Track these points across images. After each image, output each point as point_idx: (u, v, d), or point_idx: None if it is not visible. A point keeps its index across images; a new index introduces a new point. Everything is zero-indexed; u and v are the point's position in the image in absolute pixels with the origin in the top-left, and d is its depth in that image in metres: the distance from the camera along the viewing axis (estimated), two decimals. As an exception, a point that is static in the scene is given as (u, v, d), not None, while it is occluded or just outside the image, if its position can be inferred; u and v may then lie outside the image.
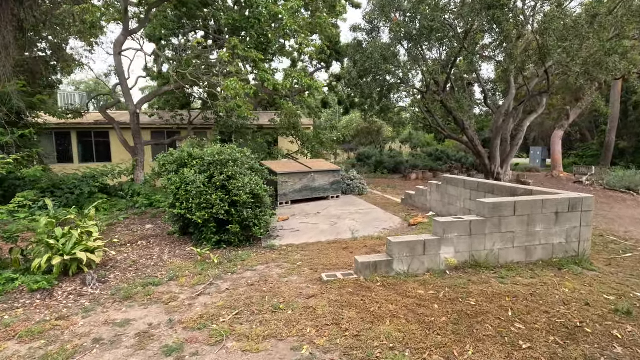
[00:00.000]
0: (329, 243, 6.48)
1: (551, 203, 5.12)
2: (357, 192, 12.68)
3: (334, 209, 9.96)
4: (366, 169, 24.62)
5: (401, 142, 35.44)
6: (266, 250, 6.10)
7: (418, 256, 4.74)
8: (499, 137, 17.08)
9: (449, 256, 4.84)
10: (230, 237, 6.06)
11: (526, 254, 5.14)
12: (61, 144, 14.14)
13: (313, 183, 11.06)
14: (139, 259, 5.50)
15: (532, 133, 37.26)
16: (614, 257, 5.96)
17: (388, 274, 4.64)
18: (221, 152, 6.35)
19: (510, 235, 5.03)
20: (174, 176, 6.11)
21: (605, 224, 8.90)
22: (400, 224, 8.08)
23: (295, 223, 8.19)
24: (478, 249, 4.95)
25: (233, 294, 4.21)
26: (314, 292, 4.22)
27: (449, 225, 4.80)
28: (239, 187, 6.00)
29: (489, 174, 17.45)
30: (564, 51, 13.09)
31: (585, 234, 5.33)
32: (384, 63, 13.77)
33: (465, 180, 8.08)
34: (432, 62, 15.37)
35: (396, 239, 4.73)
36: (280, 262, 5.48)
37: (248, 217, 6.05)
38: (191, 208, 5.78)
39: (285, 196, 10.46)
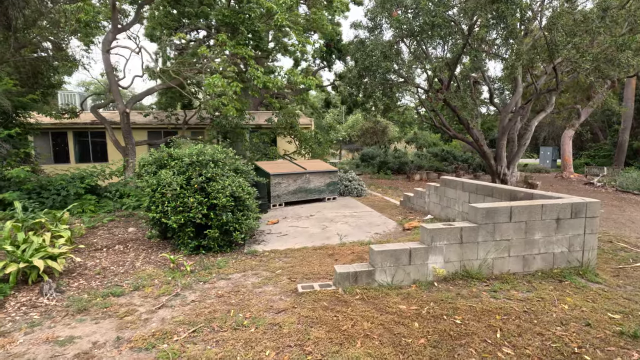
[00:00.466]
0: (315, 249, 6.12)
1: (552, 208, 4.67)
2: (355, 193, 12.28)
3: (328, 211, 9.59)
4: (370, 169, 24.17)
5: (407, 142, 34.86)
6: (247, 256, 5.77)
7: (403, 266, 4.34)
8: (505, 136, 16.50)
9: (437, 266, 4.44)
10: (210, 243, 5.74)
11: (524, 264, 4.70)
12: (57, 144, 14.04)
13: (308, 184, 10.70)
14: (110, 266, 5.21)
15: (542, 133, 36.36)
16: (623, 267, 5.47)
17: (369, 286, 4.26)
18: (201, 153, 6.03)
19: (505, 243, 4.60)
20: (150, 177, 5.82)
21: (615, 228, 8.37)
22: (394, 228, 7.68)
23: (285, 226, 7.85)
24: (470, 259, 4.53)
25: (198, 306, 3.88)
26: (286, 305, 3.86)
27: (438, 232, 4.40)
28: (219, 190, 5.67)
29: (494, 175, 16.88)
30: (573, 47, 12.50)
31: (590, 242, 4.87)
32: (384, 60, 13.34)
33: (463, 183, 7.64)
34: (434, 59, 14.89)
35: (379, 247, 4.35)
36: (259, 269, 5.14)
37: (228, 222, 5.72)
38: (167, 212, 5.47)
39: (278, 198, 10.13)
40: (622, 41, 12.58)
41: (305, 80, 8.77)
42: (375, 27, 16.23)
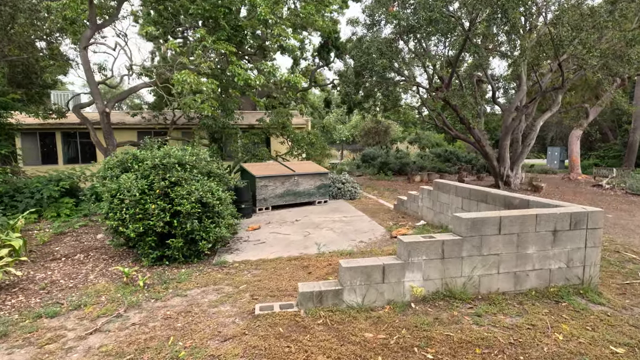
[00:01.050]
0: (290, 259, 5.62)
1: (547, 219, 4.12)
2: (348, 196, 11.76)
3: (316, 216, 9.09)
4: (370, 170, 23.61)
5: (409, 143, 34.20)
6: (215, 268, 5.30)
7: (376, 284, 3.83)
8: (509, 136, 15.84)
9: (415, 285, 3.91)
10: (174, 253, 5.28)
11: (515, 281, 4.16)
12: (45, 145, 13.74)
13: (297, 187, 10.21)
14: (60, 279, 4.78)
15: (549, 133, 35.44)
16: (631, 282, 4.89)
17: (337, 307, 3.75)
18: (167, 155, 5.57)
19: (494, 258, 4.06)
20: (110, 182, 5.38)
21: (624, 236, 7.76)
22: (382, 235, 7.15)
23: (265, 233, 7.37)
24: (453, 276, 4.00)
25: (136, 331, 3.41)
26: (236, 331, 3.37)
27: (416, 246, 3.87)
28: (183, 196, 5.21)
29: (497, 176, 16.23)
30: (579, 43, 11.83)
31: (592, 257, 4.30)
32: (380, 58, 12.79)
33: (456, 187, 7.08)
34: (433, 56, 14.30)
35: (348, 263, 3.84)
36: (223, 284, 4.66)
37: (194, 230, 5.26)
38: (125, 219, 5.02)
39: (264, 201, 9.65)
40: (631, 36, 11.88)
41: (293, 78, 8.29)
42: (373, 24, 15.68)
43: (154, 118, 11.74)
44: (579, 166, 20.90)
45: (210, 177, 6.33)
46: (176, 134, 13.40)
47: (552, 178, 21.55)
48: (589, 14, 12.11)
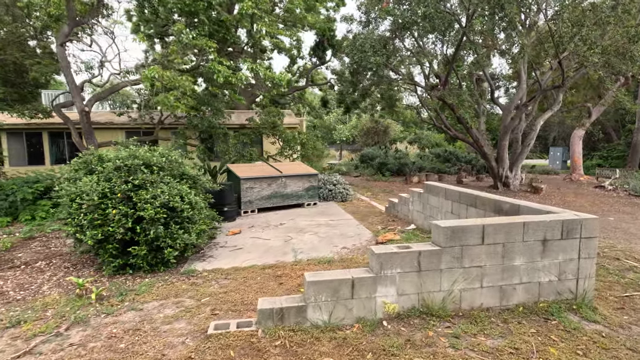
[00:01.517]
0: (264, 268, 5.26)
1: (536, 227, 3.72)
2: (339, 198, 11.38)
3: (302, 219, 8.72)
4: (369, 170, 23.22)
5: (409, 143, 33.76)
6: (181, 277, 4.94)
7: (344, 300, 3.45)
8: (507, 136, 15.41)
9: (388, 300, 3.53)
10: (137, 261, 4.92)
11: (501, 296, 3.77)
12: (32, 145, 13.46)
13: (284, 189, 9.85)
14: (11, 290, 4.44)
15: (551, 133, 34.90)
16: (630, 295, 4.49)
17: (299, 326, 3.38)
18: (132, 156, 5.22)
19: (477, 271, 3.67)
20: (69, 185, 5.03)
21: (625, 240, 7.34)
22: (367, 241, 6.77)
23: (245, 238, 7.00)
24: (431, 290, 3.62)
25: (71, 354, 3.06)
26: (182, 354, 3.01)
27: (389, 258, 3.49)
28: (147, 200, 4.86)
29: (496, 177, 15.80)
30: (580, 39, 11.38)
31: (586, 269, 3.90)
32: (374, 55, 12.40)
33: (446, 190, 6.69)
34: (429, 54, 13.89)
35: (314, 276, 3.47)
36: (185, 296, 4.31)
37: (158, 237, 4.90)
38: (83, 225, 4.68)
39: (250, 204, 9.29)
40: (634, 32, 11.43)
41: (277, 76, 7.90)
42: (369, 22, 15.31)
43: (140, 117, 11.42)
44: (581, 167, 20.41)
45: (183, 179, 5.98)
46: (165, 134, 13.09)
47: (553, 179, 21.07)
48: (590, 9, 11.67)
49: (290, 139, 11.61)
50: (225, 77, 7.31)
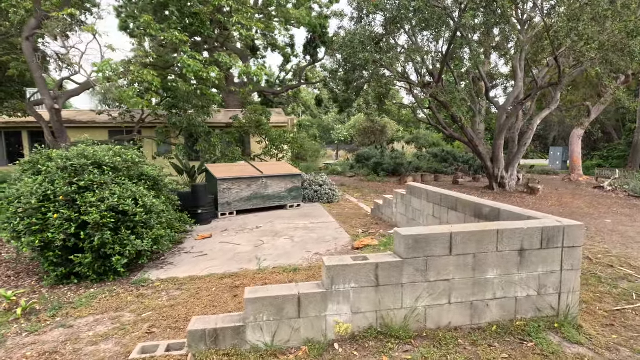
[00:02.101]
0: (224, 277, 4.83)
1: (511, 235, 3.28)
2: (325, 199, 10.95)
3: (281, 222, 8.30)
4: (364, 170, 22.77)
5: (406, 142, 33.30)
6: (131, 287, 4.53)
7: (289, 320, 3.03)
8: (503, 135, 14.95)
9: (341, 319, 3.10)
10: (83, 270, 4.51)
11: (471, 313, 3.33)
12: (11, 144, 13.09)
13: (265, 190, 9.42)
14: (-64, 303, 4.03)
15: (551, 132, 34.38)
16: (622, 309, 4.06)
17: (237, 349, 2.95)
18: (80, 155, 4.81)
19: (444, 285, 3.24)
20: (6, 187, 4.63)
21: (621, 245, 6.88)
22: (343, 246, 6.34)
23: (214, 243, 6.58)
24: (391, 308, 3.18)
25: (-35, 384, 2.64)
26: (92, 385, 2.59)
27: (342, 271, 3.06)
28: (92, 203, 4.44)
29: (492, 177, 15.35)
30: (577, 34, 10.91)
31: (570, 283, 3.46)
32: (363, 51, 11.97)
33: (428, 192, 6.26)
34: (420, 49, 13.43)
35: (254, 293, 3.04)
36: (126, 310, 3.89)
37: (105, 243, 4.48)
38: (19, 231, 4.27)
39: (228, 206, 8.87)
40: (633, 27, 10.95)
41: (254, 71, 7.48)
42: (361, 18, 14.89)
43: (120, 116, 11.02)
44: (580, 167, 19.92)
45: (142, 180, 5.56)
46: (150, 133, 12.68)
47: (552, 179, 20.59)
48: (587, 3, 11.20)
49: (274, 138, 11.18)
50: (196, 72, 6.90)
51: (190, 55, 7.12)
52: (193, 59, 7.08)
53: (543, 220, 3.53)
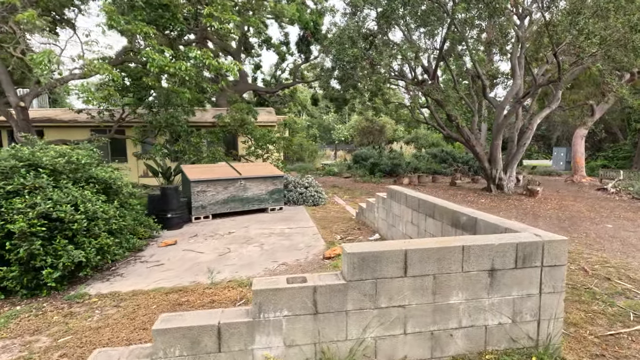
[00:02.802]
0: (170, 292, 4.34)
1: (480, 252, 2.76)
2: (311, 202, 10.45)
3: (258, 226, 7.80)
4: (362, 171, 22.25)
5: (406, 143, 32.69)
6: (63, 304, 4.05)
7: (207, 355, 2.52)
8: (500, 135, 14.35)
9: (272, 354, 2.59)
10: (9, 284, 4.04)
11: (432, 345, 2.81)
12: (-10, 145, 12.71)
13: (244, 192, 8.94)
14: None
15: (555, 132, 33.60)
16: (616, 333, 3.52)
17: (142, 390, 2.46)
18: (12, 156, 4.35)
19: (398, 312, 2.72)
20: None
21: (621, 254, 6.31)
22: (315, 255, 5.83)
23: (177, 250, 6.10)
24: (334, 339, 2.67)
25: None
26: None
27: (272, 296, 2.56)
28: (19, 209, 3.97)
29: (489, 179, 14.77)
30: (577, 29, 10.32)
31: (551, 308, 2.93)
32: (351, 47, 11.45)
33: (407, 196, 5.73)
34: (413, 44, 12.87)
35: (166, 322, 2.53)
36: (44, 333, 3.41)
37: (35, 254, 4.01)
38: None
39: (202, 209, 8.39)
40: (637, 20, 10.34)
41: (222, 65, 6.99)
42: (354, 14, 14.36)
43: (98, 115, 10.58)
44: (583, 168, 19.23)
45: (90, 183, 5.09)
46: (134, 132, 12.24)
47: (554, 181, 19.95)
48: (589, -5, 10.61)
49: (258, 137, 10.70)
50: (161, 67, 6.42)
51: (159, 50, 6.64)
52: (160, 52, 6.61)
53: (520, 234, 3.00)
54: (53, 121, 13.03)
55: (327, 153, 37.11)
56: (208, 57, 6.86)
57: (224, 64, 7.03)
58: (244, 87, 19.64)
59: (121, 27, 6.47)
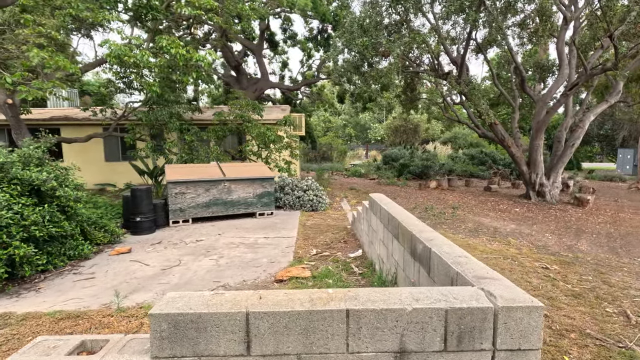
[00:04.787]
0: (66, 318, 3.63)
1: (378, 322, 1.65)
2: (309, 207, 9.48)
3: (233, 234, 7.01)
4: (391, 172, 20.88)
5: (442, 143, 30.41)
6: (-58, 325, 3.49)
7: None
8: (542, 134, 12.37)
9: None
10: None
11: None
12: None
13: (229, 195, 8.20)
14: None
15: (621, 132, 29.45)
16: None
17: None
18: None
19: (239, 410, 1.70)
20: None
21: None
22: (271, 274, 4.88)
23: (123, 261, 5.45)
24: None
25: None
26: None
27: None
28: None
29: (528, 184, 12.84)
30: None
31: (513, 420, 1.73)
32: (361, 36, 10.29)
33: (381, 209, 4.57)
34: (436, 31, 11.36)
35: None
36: None
37: None
38: None
39: (181, 213, 7.77)
40: None
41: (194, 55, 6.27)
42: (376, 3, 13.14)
43: (101, 112, 10.47)
44: (651, 173, 16.30)
45: (13, 185, 4.57)
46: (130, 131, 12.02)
47: (614, 187, 17.19)
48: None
49: (256, 135, 9.94)
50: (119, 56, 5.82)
51: (125, 38, 6.09)
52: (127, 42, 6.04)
53: (462, 291, 1.82)
54: (70, 119, 13.29)
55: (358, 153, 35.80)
56: (176, 46, 6.19)
57: (195, 54, 6.32)
58: (265, 84, 19.10)
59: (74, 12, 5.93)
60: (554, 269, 5.64)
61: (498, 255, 6.20)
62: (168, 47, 6.17)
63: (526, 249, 6.89)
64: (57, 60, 5.45)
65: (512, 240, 7.45)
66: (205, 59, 6.38)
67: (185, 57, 6.22)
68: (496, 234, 7.96)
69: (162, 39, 6.29)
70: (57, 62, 5.46)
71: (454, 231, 8.15)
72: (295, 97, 24.69)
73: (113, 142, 13.28)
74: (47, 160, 5.40)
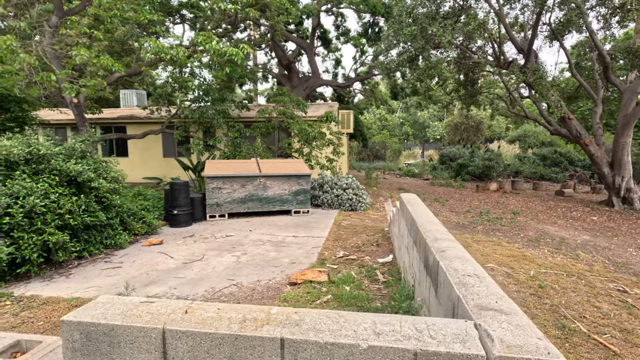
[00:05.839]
0: (79, 305, 3.73)
1: (321, 357, 1.26)
2: (347, 206, 9.07)
3: (264, 231, 6.89)
4: (447, 173, 19.61)
5: (510, 142, 27.70)
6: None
7: None
8: (630, 131, 10.51)
9: None
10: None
11: None
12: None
13: (264, 192, 8.13)
14: None
15: None
16: None
17: None
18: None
19: None
20: None
21: None
22: (288, 275, 4.61)
23: (152, 252, 5.58)
24: None
25: None
26: None
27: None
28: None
29: (610, 189, 11.04)
30: None
31: None
32: (408, 25, 9.56)
33: (407, 210, 4.04)
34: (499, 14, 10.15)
35: None
36: None
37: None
38: None
39: (217, 207, 7.87)
40: None
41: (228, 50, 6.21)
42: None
43: (156, 111, 11.17)
44: None
45: (53, 175, 4.88)
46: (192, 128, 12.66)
47: None
48: None
49: (297, 132, 9.78)
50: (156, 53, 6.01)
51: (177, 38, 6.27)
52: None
53: (451, 326, 1.34)
54: (135, 118, 14.44)
55: (414, 152, 34.23)
56: (209, 40, 6.22)
57: (229, 49, 6.30)
58: (315, 82, 19.00)
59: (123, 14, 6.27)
60: (634, 293, 4.58)
61: (560, 272, 5.23)
62: (203, 42, 6.24)
63: (599, 266, 5.75)
64: (101, 59, 5.81)
65: (582, 254, 6.29)
66: (238, 54, 6.33)
67: (220, 51, 6.23)
68: (562, 246, 6.82)
69: (198, 35, 6.39)
70: (101, 61, 5.82)
71: (509, 240, 7.16)
72: (347, 95, 24.29)
73: (170, 139, 14.13)
74: (89, 154, 5.74)
